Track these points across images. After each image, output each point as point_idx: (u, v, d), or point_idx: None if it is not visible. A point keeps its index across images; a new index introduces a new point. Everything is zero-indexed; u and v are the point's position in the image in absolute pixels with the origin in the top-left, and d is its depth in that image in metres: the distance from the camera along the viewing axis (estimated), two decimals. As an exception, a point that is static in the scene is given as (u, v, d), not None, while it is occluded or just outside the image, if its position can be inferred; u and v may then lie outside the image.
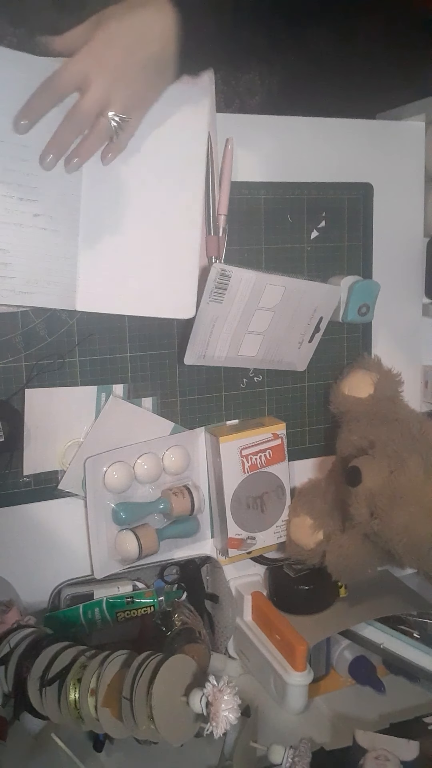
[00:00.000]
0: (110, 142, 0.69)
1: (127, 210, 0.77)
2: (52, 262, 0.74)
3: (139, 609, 0.87)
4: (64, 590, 0.86)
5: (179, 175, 0.79)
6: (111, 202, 0.76)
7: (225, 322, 0.82)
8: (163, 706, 0.62)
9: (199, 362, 0.85)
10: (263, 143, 0.88)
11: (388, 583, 0.99)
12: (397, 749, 0.73)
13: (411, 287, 1.00)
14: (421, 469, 0.78)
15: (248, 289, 0.80)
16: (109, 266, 0.78)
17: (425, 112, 0.94)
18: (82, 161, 0.69)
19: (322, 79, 1.07)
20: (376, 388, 0.91)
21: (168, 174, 0.78)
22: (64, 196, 0.73)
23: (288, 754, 0.71)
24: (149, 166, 0.77)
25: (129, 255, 0.78)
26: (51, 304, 0.76)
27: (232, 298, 0.80)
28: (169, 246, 0.80)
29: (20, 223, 0.72)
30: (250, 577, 0.97)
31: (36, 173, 0.71)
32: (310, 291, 0.86)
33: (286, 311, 0.85)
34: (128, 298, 0.79)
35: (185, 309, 0.82)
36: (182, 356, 0.85)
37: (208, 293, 0.79)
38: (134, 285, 0.79)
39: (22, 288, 0.73)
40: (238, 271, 0.79)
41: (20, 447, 0.81)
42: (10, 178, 0.70)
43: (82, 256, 0.76)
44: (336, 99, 0.99)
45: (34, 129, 0.69)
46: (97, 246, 0.77)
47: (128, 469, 0.84)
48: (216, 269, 0.78)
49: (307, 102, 0.98)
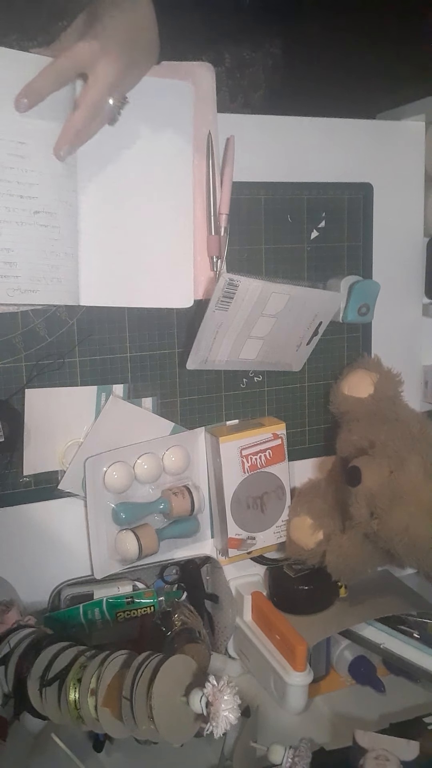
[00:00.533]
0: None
1: (123, 203, 0.78)
2: (54, 259, 0.74)
3: (139, 609, 0.87)
4: (64, 590, 0.86)
5: (169, 167, 0.80)
6: (107, 195, 0.77)
7: (228, 329, 0.82)
8: (163, 706, 0.62)
9: (201, 367, 0.85)
10: (264, 143, 0.88)
11: (388, 583, 0.99)
12: (397, 749, 0.73)
13: (411, 287, 1.00)
14: (421, 469, 0.79)
15: (254, 298, 0.81)
16: (109, 260, 0.78)
17: (425, 112, 0.94)
18: (80, 144, 0.71)
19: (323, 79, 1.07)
20: (376, 388, 0.91)
21: (159, 166, 0.79)
22: (61, 191, 0.74)
23: (288, 754, 0.71)
24: (141, 159, 0.78)
25: (128, 248, 0.79)
26: (56, 300, 0.76)
27: (238, 306, 0.80)
28: (165, 237, 0.81)
29: (22, 221, 0.72)
30: (250, 577, 0.97)
31: (33, 169, 0.71)
32: (313, 298, 0.86)
33: (288, 317, 0.85)
34: (129, 291, 0.80)
35: (184, 298, 0.83)
36: (184, 357, 0.85)
37: (214, 302, 0.79)
38: (134, 277, 0.80)
39: (28, 286, 0.73)
40: (246, 281, 0.79)
41: (20, 447, 0.81)
42: (10, 176, 0.70)
43: (83, 251, 0.76)
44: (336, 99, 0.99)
45: (30, 123, 0.69)
46: (96, 240, 0.77)
47: (128, 469, 0.84)
48: (224, 279, 0.78)
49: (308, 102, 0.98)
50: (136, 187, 0.78)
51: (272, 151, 0.89)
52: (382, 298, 0.93)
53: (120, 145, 0.77)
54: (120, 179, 0.77)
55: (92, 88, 0.67)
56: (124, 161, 0.77)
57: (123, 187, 0.78)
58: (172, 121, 0.79)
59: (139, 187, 0.79)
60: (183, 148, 0.80)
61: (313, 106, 0.93)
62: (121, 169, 0.77)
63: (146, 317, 0.85)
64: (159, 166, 0.79)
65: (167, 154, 0.79)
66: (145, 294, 0.81)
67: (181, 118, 0.79)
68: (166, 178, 0.80)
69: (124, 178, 0.78)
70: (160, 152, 0.79)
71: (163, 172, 0.80)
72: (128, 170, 0.78)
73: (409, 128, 0.96)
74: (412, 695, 0.89)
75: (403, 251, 0.99)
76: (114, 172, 0.77)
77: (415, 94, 0.93)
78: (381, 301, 0.93)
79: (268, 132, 0.88)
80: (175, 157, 0.80)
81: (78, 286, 0.77)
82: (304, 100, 1.06)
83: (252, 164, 0.87)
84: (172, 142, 0.79)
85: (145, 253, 0.80)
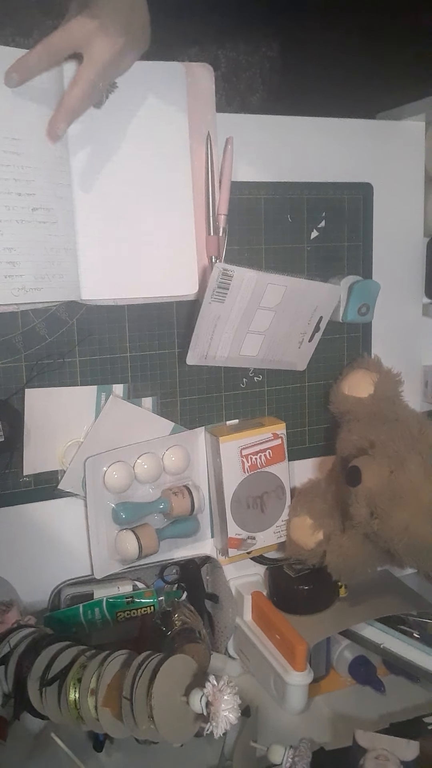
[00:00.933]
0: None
1: (120, 195, 0.78)
2: (55, 255, 0.74)
3: (139, 609, 0.87)
4: (64, 590, 0.86)
5: (167, 158, 0.79)
6: (102, 188, 0.77)
7: (227, 322, 0.82)
8: (163, 706, 0.62)
9: (201, 362, 0.85)
10: (263, 143, 0.88)
11: (388, 583, 0.99)
12: (397, 749, 0.73)
13: (411, 287, 1.00)
14: (421, 469, 0.79)
15: (250, 289, 0.81)
16: (109, 253, 0.78)
17: (425, 112, 0.94)
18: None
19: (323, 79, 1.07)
20: (376, 388, 0.91)
21: (155, 157, 0.79)
22: (56, 187, 0.73)
23: (288, 754, 0.71)
24: (136, 151, 0.78)
25: (127, 240, 0.79)
26: (60, 297, 0.76)
27: (234, 297, 0.80)
28: (165, 227, 0.81)
29: (21, 219, 0.72)
30: (250, 577, 0.97)
31: (29, 165, 0.71)
32: (310, 291, 0.86)
33: (287, 311, 0.85)
34: (131, 283, 0.80)
35: (188, 286, 0.83)
36: (184, 356, 0.85)
37: (210, 293, 0.79)
38: (135, 268, 0.80)
39: (32, 285, 0.73)
40: (240, 270, 0.79)
41: (20, 447, 0.81)
42: (7, 174, 0.70)
43: (82, 246, 0.76)
44: (336, 99, 0.99)
45: (22, 120, 0.69)
46: (95, 234, 0.77)
47: (128, 469, 0.84)
48: (219, 269, 0.78)
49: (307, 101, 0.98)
50: (133, 179, 0.78)
51: (272, 151, 0.89)
52: (382, 298, 0.93)
53: (111, 131, 0.76)
54: (115, 170, 0.77)
55: (88, 66, 0.66)
56: (117, 149, 0.77)
57: (119, 178, 0.77)
58: (166, 105, 0.78)
59: (135, 179, 0.78)
60: (179, 131, 0.79)
61: (313, 106, 0.93)
62: (115, 158, 0.77)
63: (146, 317, 0.85)
64: (154, 151, 0.79)
65: (162, 140, 0.79)
66: (148, 284, 0.81)
67: (175, 101, 0.79)
68: (164, 170, 0.79)
69: (120, 168, 0.77)
70: (154, 136, 0.78)
71: (160, 164, 0.79)
72: (123, 158, 0.77)
73: (409, 128, 0.96)
74: (412, 695, 0.89)
75: (403, 251, 0.99)
76: (108, 162, 0.76)
77: (415, 94, 0.93)
78: (381, 301, 0.93)
79: (268, 132, 0.88)
80: (171, 143, 0.79)
81: (78, 281, 0.76)
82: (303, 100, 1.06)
83: (252, 164, 0.87)
84: (168, 126, 0.79)
85: (145, 244, 0.80)
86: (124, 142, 0.77)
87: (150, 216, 0.80)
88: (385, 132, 0.95)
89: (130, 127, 0.77)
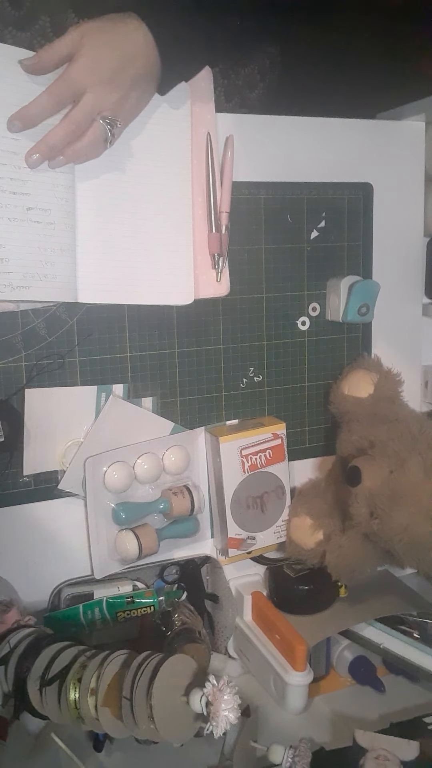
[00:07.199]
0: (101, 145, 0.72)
1: (123, 200, 0.78)
2: (49, 255, 0.74)
3: (139, 609, 0.87)
4: (64, 590, 0.86)
5: (168, 164, 0.80)
6: (105, 192, 0.77)
7: None
8: (163, 706, 0.62)
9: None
10: (263, 143, 0.88)
11: (388, 583, 0.99)
12: (397, 749, 0.73)
13: (411, 287, 1.00)
14: (421, 469, 0.79)
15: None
16: (108, 257, 0.78)
17: (425, 112, 0.94)
18: (67, 161, 0.71)
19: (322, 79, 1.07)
20: (376, 388, 0.91)
21: (158, 163, 0.79)
22: (56, 188, 0.74)
23: (288, 754, 0.71)
24: (140, 157, 0.78)
25: (127, 245, 0.79)
26: (51, 297, 0.76)
27: None
28: (165, 234, 0.80)
29: (14, 217, 0.72)
30: (250, 577, 0.97)
31: (26, 166, 0.71)
32: None
33: None
34: (129, 288, 0.80)
35: (184, 296, 0.83)
36: (184, 356, 0.84)
37: None
38: (134, 274, 0.80)
39: (20, 282, 0.73)
40: None
41: (20, 447, 0.81)
42: (2, 172, 0.71)
43: (81, 248, 0.76)
44: (336, 99, 0.98)
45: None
46: (95, 237, 0.77)
47: (128, 469, 0.84)
48: None
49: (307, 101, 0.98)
50: (136, 185, 0.78)
51: (272, 151, 0.89)
52: (382, 298, 0.93)
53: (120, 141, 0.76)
54: (118, 177, 0.77)
55: (76, 107, 0.68)
56: (122, 157, 0.77)
57: (121, 184, 0.77)
58: (168, 112, 0.78)
59: (138, 185, 0.78)
60: (182, 132, 0.80)
61: (313, 105, 0.93)
62: (120, 166, 0.77)
63: (146, 317, 0.85)
64: (158, 164, 0.79)
65: (165, 147, 0.79)
66: (145, 291, 0.81)
67: (177, 107, 0.79)
68: (165, 176, 0.79)
69: (123, 175, 0.77)
70: (159, 149, 0.79)
71: (162, 170, 0.79)
72: (126, 167, 0.77)
73: (409, 128, 0.96)
74: (412, 695, 0.89)
75: (403, 251, 0.99)
76: (112, 169, 0.76)
77: (415, 94, 0.93)
78: (381, 301, 0.93)
79: (268, 132, 0.88)
80: (174, 145, 0.80)
81: (76, 283, 0.76)
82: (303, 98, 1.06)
83: (252, 164, 0.87)
84: (171, 128, 0.79)
85: (145, 251, 0.80)
86: (127, 144, 0.77)
87: (151, 225, 0.80)
88: (385, 132, 0.95)
89: (132, 128, 0.77)
